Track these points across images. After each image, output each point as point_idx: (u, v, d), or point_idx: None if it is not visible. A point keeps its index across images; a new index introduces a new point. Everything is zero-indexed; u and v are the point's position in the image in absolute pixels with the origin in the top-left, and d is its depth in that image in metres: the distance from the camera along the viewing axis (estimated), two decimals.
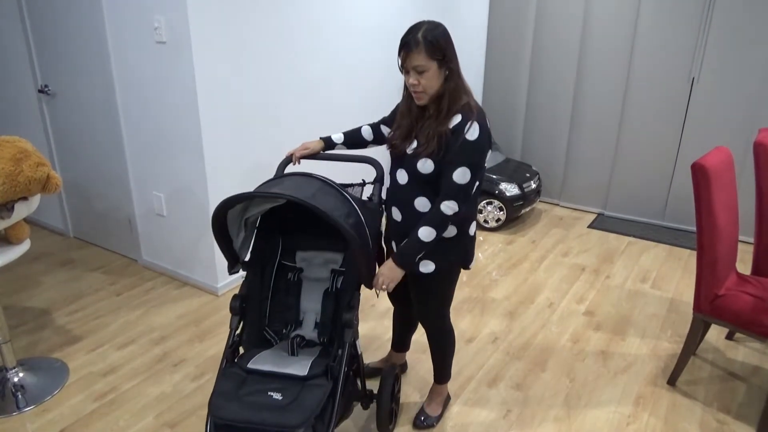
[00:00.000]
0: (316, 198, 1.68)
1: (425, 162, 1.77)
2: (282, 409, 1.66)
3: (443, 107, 1.75)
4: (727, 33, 3.91)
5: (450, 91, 1.74)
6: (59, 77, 3.44)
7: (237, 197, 1.65)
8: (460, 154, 1.71)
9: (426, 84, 1.71)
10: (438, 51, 1.67)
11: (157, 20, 2.76)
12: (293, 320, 2.08)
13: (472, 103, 1.77)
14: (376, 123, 2.15)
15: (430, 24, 1.70)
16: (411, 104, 1.84)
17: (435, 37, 1.67)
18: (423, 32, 1.67)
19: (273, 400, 1.69)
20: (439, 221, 1.75)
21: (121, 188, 3.43)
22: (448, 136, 1.73)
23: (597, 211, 4.86)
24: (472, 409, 2.36)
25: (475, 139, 1.70)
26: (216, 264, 3.16)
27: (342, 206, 1.76)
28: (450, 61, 1.71)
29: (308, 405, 1.67)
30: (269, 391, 1.72)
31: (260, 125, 3.18)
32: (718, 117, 4.11)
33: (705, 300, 2.36)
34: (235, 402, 1.68)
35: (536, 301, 3.27)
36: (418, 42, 1.66)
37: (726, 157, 2.37)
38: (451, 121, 1.74)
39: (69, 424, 2.21)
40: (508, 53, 4.95)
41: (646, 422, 2.30)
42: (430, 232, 1.75)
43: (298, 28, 3.24)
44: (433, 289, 2.03)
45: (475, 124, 1.71)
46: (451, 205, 1.73)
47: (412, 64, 1.69)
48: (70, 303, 3.10)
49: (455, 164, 1.72)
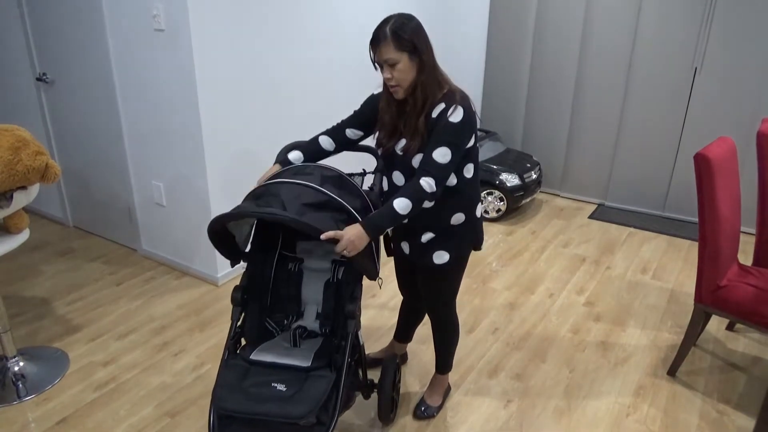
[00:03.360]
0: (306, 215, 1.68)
1: (418, 157, 1.77)
2: (286, 400, 1.67)
3: (418, 99, 1.74)
4: (730, 23, 3.88)
5: (423, 82, 1.73)
6: (57, 65, 3.41)
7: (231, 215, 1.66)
8: (442, 134, 1.71)
9: (399, 77, 1.71)
10: (406, 43, 1.67)
11: (155, 8, 2.73)
12: (295, 311, 2.07)
13: (454, 88, 1.77)
14: (338, 127, 2.03)
15: (399, 17, 1.70)
16: (390, 99, 1.83)
17: (403, 29, 1.67)
18: (391, 25, 1.68)
19: (277, 392, 1.70)
20: (417, 195, 1.71)
21: (121, 177, 3.41)
22: (433, 124, 1.74)
23: (598, 202, 4.84)
24: (473, 399, 2.36)
25: (458, 121, 1.70)
26: (216, 254, 3.15)
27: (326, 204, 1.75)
28: (422, 53, 1.70)
29: (312, 396, 1.68)
30: (273, 383, 1.73)
31: (260, 113, 3.16)
32: (720, 107, 4.09)
33: (706, 291, 2.35)
34: (240, 393, 1.69)
35: (536, 292, 3.27)
36: (386, 35, 1.67)
37: (729, 148, 2.36)
38: (434, 111, 1.74)
39: (69, 414, 2.22)
40: (509, 43, 4.91)
41: (646, 413, 2.30)
42: (407, 204, 1.70)
43: (299, 17, 3.21)
44: (446, 279, 2.03)
45: (458, 108, 1.71)
46: (430, 182, 1.70)
47: (382, 58, 1.70)
48: (70, 292, 3.10)
49: (436, 143, 1.72)
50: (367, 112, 1.96)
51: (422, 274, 2.05)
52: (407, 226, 1.93)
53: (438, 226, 1.89)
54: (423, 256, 1.95)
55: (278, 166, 1.98)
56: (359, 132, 2.01)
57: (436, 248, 1.92)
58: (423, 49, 1.70)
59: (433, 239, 1.91)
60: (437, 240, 1.92)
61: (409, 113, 1.79)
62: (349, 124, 2.01)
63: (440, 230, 1.90)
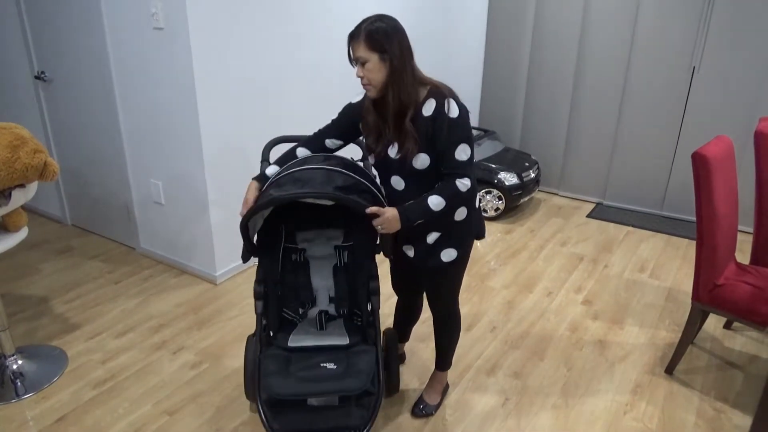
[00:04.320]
0: (347, 191, 1.77)
1: (418, 158, 1.78)
2: (341, 376, 1.80)
3: (390, 102, 1.75)
4: (729, 22, 3.88)
5: (394, 84, 1.73)
6: (56, 63, 3.41)
7: (279, 199, 1.71)
8: (453, 133, 1.73)
9: (369, 76, 1.73)
10: (378, 44, 1.69)
11: (154, 6, 2.73)
12: (309, 298, 2.15)
13: (437, 84, 1.79)
14: (316, 137, 2.01)
15: (378, 18, 1.72)
16: (372, 102, 1.84)
17: (377, 30, 1.69)
18: (366, 25, 1.70)
19: (329, 370, 1.83)
20: (452, 194, 1.76)
21: (119, 176, 3.41)
22: (428, 123, 1.74)
23: (596, 201, 4.85)
24: (471, 397, 2.36)
25: (457, 115, 1.73)
26: (214, 252, 3.15)
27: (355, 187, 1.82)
28: (392, 56, 1.70)
29: (363, 368, 1.83)
30: (321, 363, 1.86)
31: (259, 112, 3.16)
32: (718, 106, 4.10)
33: (704, 289, 2.36)
34: (291, 378, 1.80)
35: (535, 291, 3.27)
36: (360, 34, 1.70)
37: (726, 147, 2.36)
38: (424, 109, 1.75)
39: (68, 412, 2.22)
40: (508, 42, 4.91)
41: (644, 411, 2.31)
42: (440, 202, 1.75)
43: (298, 14, 3.21)
44: (453, 275, 2.05)
45: (450, 101, 1.73)
46: (465, 182, 1.76)
47: (355, 55, 1.73)
48: (68, 291, 3.10)
49: (453, 144, 1.74)
50: (345, 122, 1.97)
51: (428, 274, 2.05)
52: (411, 229, 1.91)
53: (443, 224, 1.90)
54: (431, 257, 1.94)
55: (256, 184, 1.95)
56: (338, 141, 2.01)
57: (444, 247, 1.92)
58: (394, 53, 1.70)
59: (440, 238, 1.92)
60: (443, 238, 1.92)
61: (387, 116, 1.80)
62: (327, 134, 2.00)
63: (445, 228, 1.91)
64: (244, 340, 2.69)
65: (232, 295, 3.11)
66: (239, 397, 2.32)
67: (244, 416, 2.21)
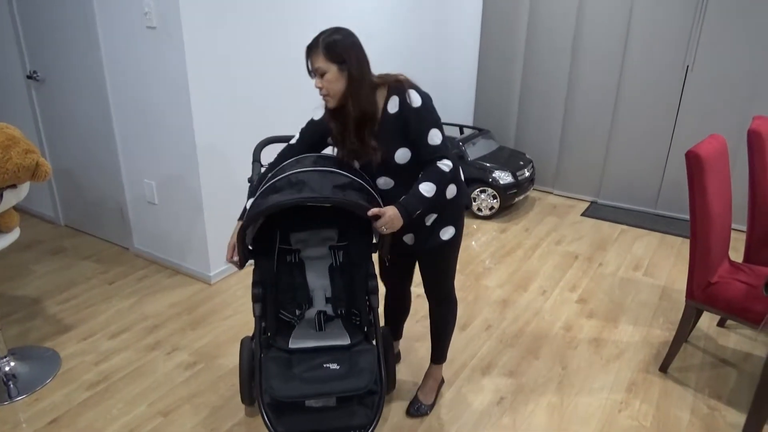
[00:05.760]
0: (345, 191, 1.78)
1: (398, 153, 1.83)
2: (345, 376, 1.80)
3: (350, 112, 1.78)
4: (722, 22, 3.90)
5: (353, 94, 1.77)
6: (48, 63, 3.39)
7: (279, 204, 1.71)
8: (421, 122, 1.79)
9: (328, 87, 1.77)
10: (335, 55, 1.73)
11: (147, 5, 2.71)
12: (305, 299, 2.14)
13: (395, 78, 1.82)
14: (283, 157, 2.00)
15: (333, 30, 1.76)
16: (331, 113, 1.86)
17: (334, 41, 1.73)
18: (324, 37, 1.74)
19: (332, 371, 1.83)
20: (439, 177, 1.81)
21: (112, 176, 3.40)
22: (397, 120, 1.80)
23: (590, 200, 4.86)
24: (466, 396, 2.36)
25: (420, 103, 1.78)
26: (208, 252, 3.14)
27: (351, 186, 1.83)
28: (351, 66, 1.74)
29: (366, 367, 1.84)
30: (324, 364, 1.86)
31: (253, 111, 3.15)
32: (712, 105, 4.11)
33: (698, 287, 2.37)
34: (296, 380, 1.80)
35: (529, 289, 3.28)
36: (318, 45, 1.74)
37: (720, 145, 2.37)
38: (389, 107, 1.81)
39: (61, 413, 2.20)
40: (502, 41, 4.91)
41: (638, 409, 2.31)
42: (431, 187, 1.79)
43: (292, 15, 3.20)
44: (451, 253, 2.07)
45: (411, 92, 1.78)
46: (446, 162, 1.82)
47: (313, 66, 1.77)
48: (61, 292, 3.08)
49: (424, 132, 1.80)
50: (310, 137, 1.99)
51: (429, 256, 2.07)
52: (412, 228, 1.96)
53: (438, 205, 1.94)
54: (431, 237, 1.99)
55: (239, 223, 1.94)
56: None
57: (442, 225, 1.98)
58: (352, 63, 1.74)
59: (437, 219, 1.97)
60: (441, 218, 1.97)
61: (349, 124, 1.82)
62: (295, 153, 2.00)
63: (441, 208, 1.95)
64: (239, 340, 2.68)
65: (227, 295, 3.10)
66: (234, 397, 2.31)
67: (239, 416, 2.21)
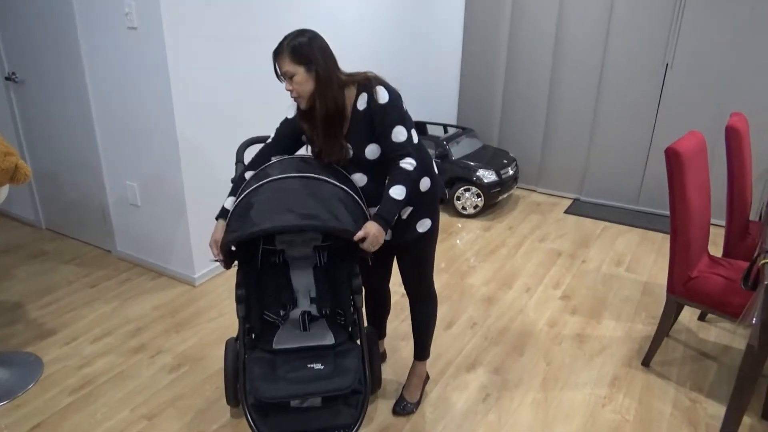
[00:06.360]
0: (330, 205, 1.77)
1: (368, 149, 1.85)
2: (329, 376, 1.81)
3: (319, 111, 1.80)
4: (700, 20, 3.96)
5: (321, 93, 1.79)
6: (27, 64, 3.34)
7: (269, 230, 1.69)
8: (386, 118, 1.80)
9: (298, 88, 1.79)
10: (302, 56, 1.75)
11: (127, 5, 2.69)
12: (290, 300, 2.13)
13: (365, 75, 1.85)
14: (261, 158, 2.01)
15: (297, 33, 1.78)
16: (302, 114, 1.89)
17: (299, 44, 1.75)
18: (289, 41, 1.75)
19: (316, 371, 1.83)
20: (404, 178, 1.80)
21: (94, 178, 3.36)
22: (366, 117, 1.82)
23: (573, 197, 4.91)
24: (452, 394, 2.38)
25: (387, 100, 1.79)
26: (192, 254, 3.12)
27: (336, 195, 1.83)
28: (319, 66, 1.76)
29: (350, 367, 1.84)
30: (308, 364, 1.86)
31: (235, 111, 3.14)
32: (691, 102, 4.17)
33: (678, 282, 2.40)
34: (280, 381, 1.79)
35: (514, 287, 3.30)
36: (284, 49, 1.75)
37: (699, 142, 2.41)
38: (358, 103, 1.82)
39: (44, 419, 2.18)
40: (485, 41, 4.94)
41: (621, 403, 2.34)
42: (401, 189, 1.79)
43: (274, 15, 3.19)
44: (428, 246, 2.08)
45: (379, 89, 1.79)
46: (409, 160, 1.81)
47: (281, 70, 1.79)
48: (43, 296, 3.04)
49: (388, 128, 1.80)
50: (284, 136, 2.01)
51: (406, 249, 2.07)
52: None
53: (413, 198, 1.94)
54: (407, 230, 2.00)
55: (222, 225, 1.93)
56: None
57: (418, 218, 1.99)
58: (319, 63, 1.76)
59: (413, 212, 1.98)
60: (416, 211, 1.98)
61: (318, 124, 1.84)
62: (272, 152, 2.02)
63: (416, 201, 1.96)
64: (224, 342, 2.67)
65: (212, 297, 3.08)
66: (219, 399, 2.30)
67: (224, 419, 2.20)
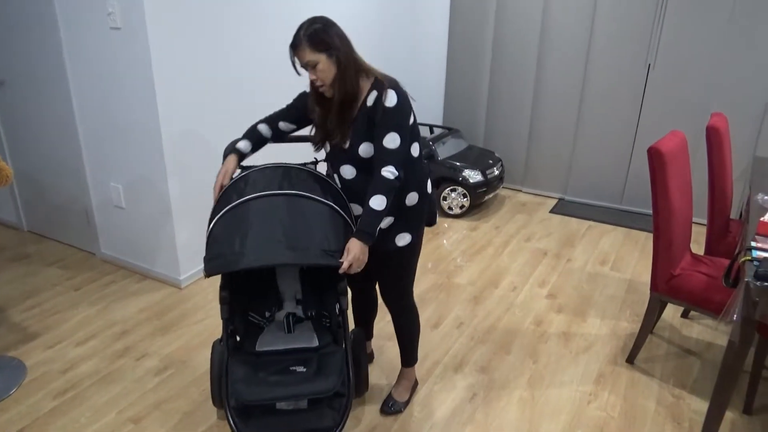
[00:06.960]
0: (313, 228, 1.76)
1: (362, 147, 1.83)
2: (311, 379, 1.80)
3: (337, 93, 1.80)
4: (682, 21, 4.01)
5: (342, 77, 1.78)
6: (9, 65, 3.30)
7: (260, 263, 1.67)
8: (385, 121, 1.78)
9: (322, 76, 1.78)
10: (321, 43, 1.74)
11: (110, 5, 2.67)
12: (275, 301, 2.13)
13: (380, 76, 1.84)
14: (273, 118, 2.07)
15: (310, 21, 1.77)
16: (315, 98, 1.89)
17: (316, 31, 1.74)
18: (304, 30, 1.74)
19: (298, 373, 1.82)
20: (385, 188, 1.77)
21: (77, 180, 3.32)
22: (370, 112, 1.80)
23: (558, 197, 4.95)
24: (439, 393, 2.39)
25: (393, 105, 1.77)
26: (178, 256, 3.10)
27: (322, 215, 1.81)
28: (338, 50, 1.76)
29: (333, 369, 1.83)
30: (291, 366, 1.85)
31: (221, 111, 3.12)
32: (673, 102, 4.23)
33: (661, 280, 2.43)
34: (262, 384, 1.78)
35: (500, 286, 3.32)
36: (301, 41, 1.74)
37: (680, 141, 2.44)
38: (368, 99, 1.81)
39: (27, 424, 2.15)
40: (470, 41, 4.97)
41: (607, 400, 2.37)
42: (381, 200, 1.76)
43: (257, 11, 3.18)
44: (406, 262, 2.07)
45: (389, 91, 1.77)
46: (390, 169, 1.77)
47: (303, 61, 1.77)
48: (26, 299, 3.01)
49: (384, 131, 1.78)
50: (299, 108, 2.02)
51: (382, 260, 2.04)
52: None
53: (395, 209, 1.92)
54: (384, 241, 1.96)
55: (234, 158, 1.97)
56: (292, 125, 2.06)
57: (398, 231, 1.96)
58: (338, 46, 1.76)
59: (394, 223, 1.96)
60: (397, 222, 1.96)
61: (332, 108, 1.84)
62: (282, 117, 2.05)
63: (398, 213, 1.94)
64: (211, 344, 2.66)
65: (198, 299, 3.06)
66: (206, 402, 2.29)
67: (210, 421, 2.19)
